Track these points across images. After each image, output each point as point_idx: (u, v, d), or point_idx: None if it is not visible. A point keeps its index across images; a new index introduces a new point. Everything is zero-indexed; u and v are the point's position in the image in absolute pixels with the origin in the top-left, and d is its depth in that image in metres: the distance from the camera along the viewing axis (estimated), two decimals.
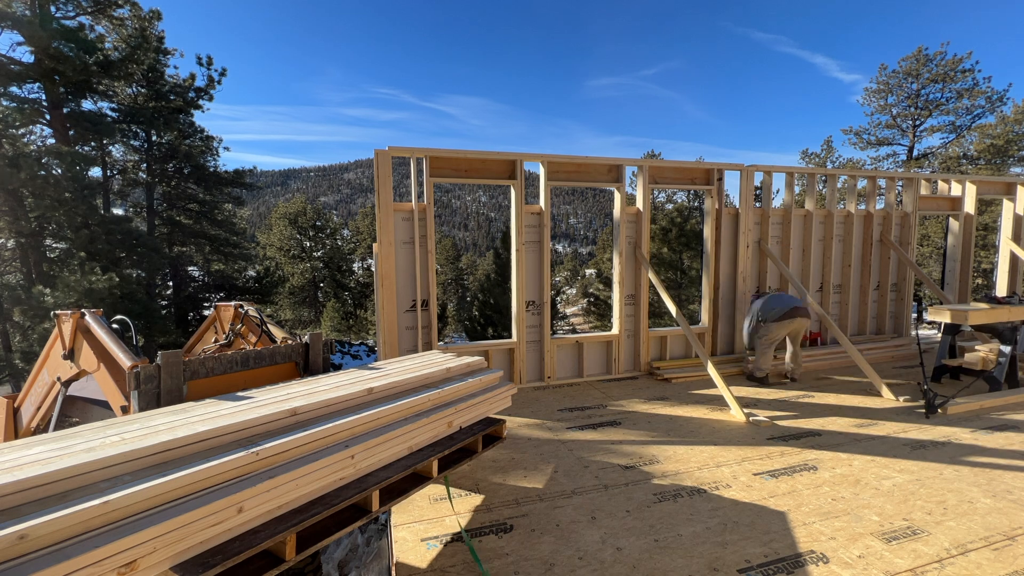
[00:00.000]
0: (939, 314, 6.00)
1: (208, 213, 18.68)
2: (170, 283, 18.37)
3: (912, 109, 26.97)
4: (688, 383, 6.46)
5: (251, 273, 21.68)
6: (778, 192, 29.80)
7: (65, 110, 13.52)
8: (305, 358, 3.37)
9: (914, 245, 8.55)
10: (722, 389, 5.45)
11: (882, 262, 8.45)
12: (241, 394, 2.53)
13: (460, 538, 2.97)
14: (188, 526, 1.64)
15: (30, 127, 13.57)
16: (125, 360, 2.73)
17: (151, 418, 2.16)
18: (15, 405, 4.21)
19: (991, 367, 5.97)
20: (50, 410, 3.78)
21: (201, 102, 17.37)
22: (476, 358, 3.55)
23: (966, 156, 24.41)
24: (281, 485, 1.95)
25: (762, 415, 5.11)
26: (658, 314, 18.23)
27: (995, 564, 2.68)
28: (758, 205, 7.72)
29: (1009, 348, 5.76)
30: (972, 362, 6.23)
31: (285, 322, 29.91)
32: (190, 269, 19.23)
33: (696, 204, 23.00)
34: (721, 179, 7.26)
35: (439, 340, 6.75)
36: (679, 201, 24.12)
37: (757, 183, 7.77)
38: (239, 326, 3.78)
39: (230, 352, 3.01)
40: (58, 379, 3.57)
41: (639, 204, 6.87)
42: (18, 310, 11.65)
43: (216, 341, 4.02)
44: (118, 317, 3.37)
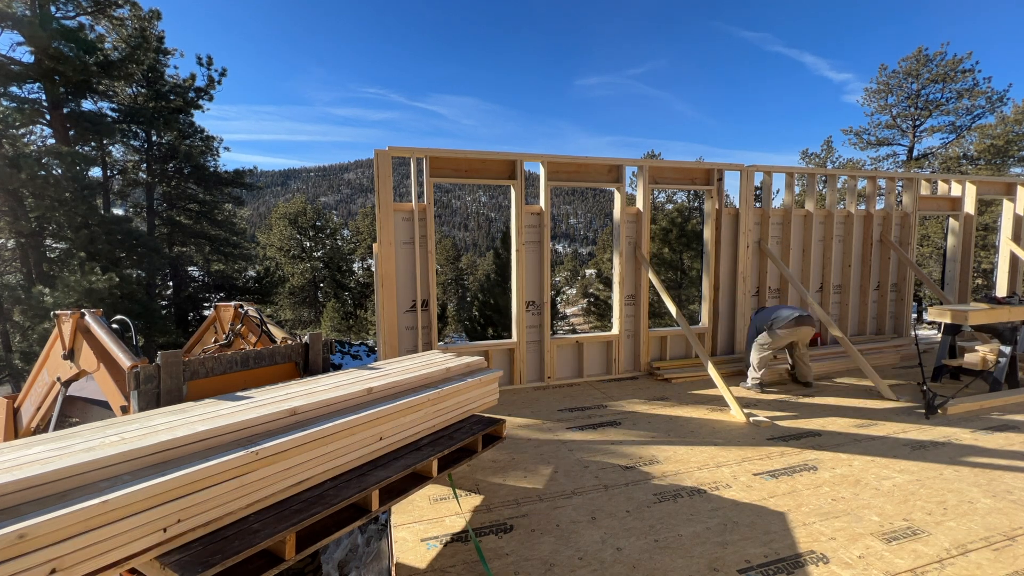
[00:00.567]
0: (939, 314, 6.00)
1: (208, 213, 18.68)
2: (170, 283, 18.37)
3: (912, 109, 26.97)
4: (688, 383, 6.46)
5: (251, 273, 21.68)
6: (778, 192, 29.85)
7: (65, 110, 13.52)
8: (305, 358, 3.36)
9: (914, 245, 8.55)
10: (722, 389, 5.45)
11: (882, 262, 8.45)
12: (240, 394, 2.53)
13: (460, 538, 2.97)
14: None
15: (30, 127, 13.57)
16: (125, 360, 2.73)
17: (150, 418, 2.15)
18: (15, 405, 4.21)
19: (991, 367, 5.97)
20: (50, 410, 3.78)
21: (201, 102, 17.38)
22: (476, 358, 3.55)
23: (966, 156, 24.41)
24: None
25: (762, 415, 5.11)
26: (658, 314, 18.23)
27: (995, 564, 2.68)
28: (758, 205, 7.72)
29: (1009, 348, 5.76)
30: (972, 362, 6.23)
31: (285, 322, 29.91)
32: (190, 269, 19.24)
33: (696, 204, 23.00)
34: (721, 179, 7.26)
35: (439, 340, 6.75)
36: (679, 201, 24.14)
37: (757, 183, 7.77)
38: (239, 326, 3.78)
39: (230, 352, 3.01)
40: (58, 379, 3.57)
41: (639, 204, 6.87)
42: (18, 310, 11.66)
43: (216, 341, 4.02)
44: (118, 317, 3.37)
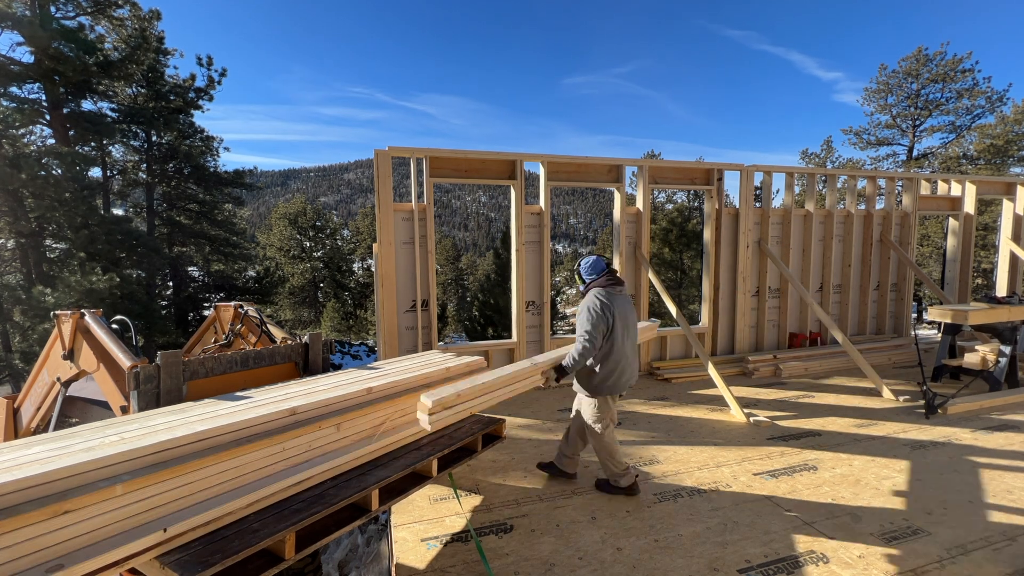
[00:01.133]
0: (939, 314, 6.00)
1: (208, 213, 18.67)
2: (170, 283, 18.36)
3: (912, 109, 26.95)
4: (688, 383, 6.45)
5: (251, 273, 21.68)
6: (778, 192, 29.84)
7: (65, 110, 13.52)
8: (305, 358, 3.36)
9: (914, 245, 8.55)
10: (722, 389, 5.44)
11: (882, 262, 8.45)
12: (240, 394, 2.53)
13: (460, 538, 2.97)
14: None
15: (30, 127, 13.56)
16: (125, 360, 2.73)
17: (150, 418, 2.16)
18: (15, 405, 4.21)
19: (991, 367, 5.97)
20: (50, 410, 3.78)
21: (201, 102, 17.38)
22: (476, 358, 3.55)
23: (966, 156, 24.40)
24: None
25: (762, 415, 5.11)
26: (658, 314, 18.20)
27: (995, 564, 2.68)
28: (758, 205, 7.72)
29: (1009, 348, 5.76)
30: (972, 362, 6.22)
31: (285, 322, 29.90)
32: (190, 269, 19.23)
33: (696, 204, 22.99)
34: (721, 179, 7.26)
35: (439, 340, 6.76)
36: (679, 201, 24.12)
37: (757, 183, 7.77)
38: (239, 326, 3.78)
39: (230, 352, 3.01)
40: (58, 379, 3.57)
41: (639, 204, 6.87)
42: (18, 310, 11.66)
43: (216, 341, 4.02)
44: (118, 317, 3.37)
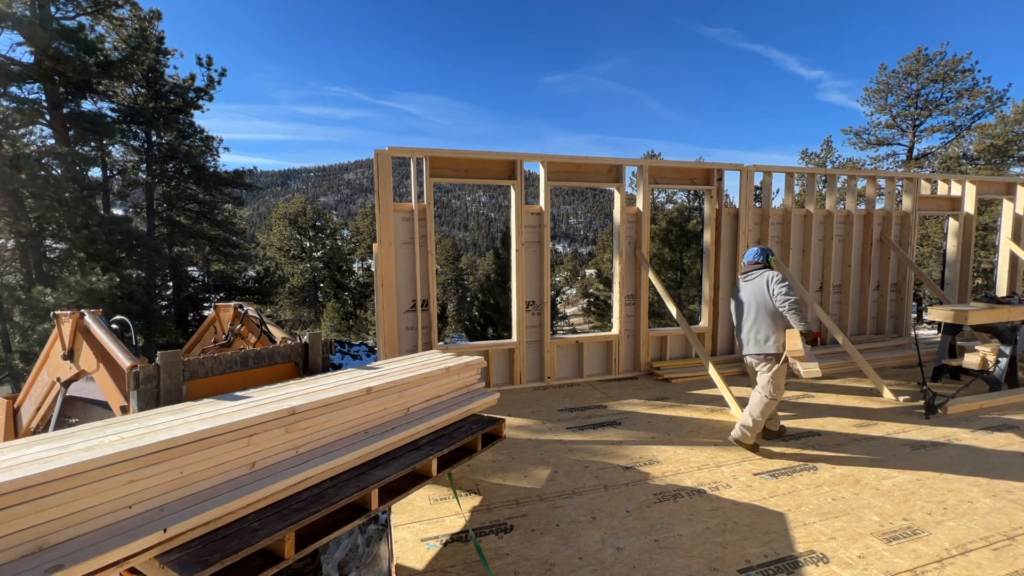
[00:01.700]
0: (939, 314, 6.00)
1: (208, 213, 18.68)
2: (170, 283, 18.37)
3: (912, 109, 26.97)
4: (688, 383, 6.45)
5: (251, 273, 21.69)
6: (778, 192, 29.84)
7: (65, 110, 13.52)
8: (304, 358, 3.36)
9: (914, 245, 8.55)
10: (722, 389, 5.44)
11: (882, 262, 8.45)
12: (239, 394, 2.53)
13: (460, 538, 2.97)
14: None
15: (30, 127, 13.57)
16: (124, 360, 2.73)
17: (150, 418, 2.15)
18: (15, 406, 4.21)
19: (991, 367, 5.96)
20: (50, 410, 3.78)
21: (201, 102, 17.38)
22: (476, 357, 3.55)
23: (966, 156, 24.40)
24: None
25: None
26: (658, 314, 18.22)
27: (995, 564, 2.68)
28: (758, 205, 7.72)
29: (1009, 348, 5.76)
30: (972, 362, 6.22)
31: (285, 322, 29.91)
32: (190, 269, 19.24)
33: (696, 204, 23.00)
34: (721, 179, 7.26)
35: (439, 340, 6.77)
36: (679, 201, 24.13)
37: (757, 183, 7.78)
38: (239, 326, 3.78)
39: (229, 352, 3.01)
40: (58, 379, 3.57)
41: (639, 204, 6.87)
42: (18, 310, 11.66)
43: (216, 341, 4.02)
44: (118, 317, 3.37)
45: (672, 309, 6.45)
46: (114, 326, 3.20)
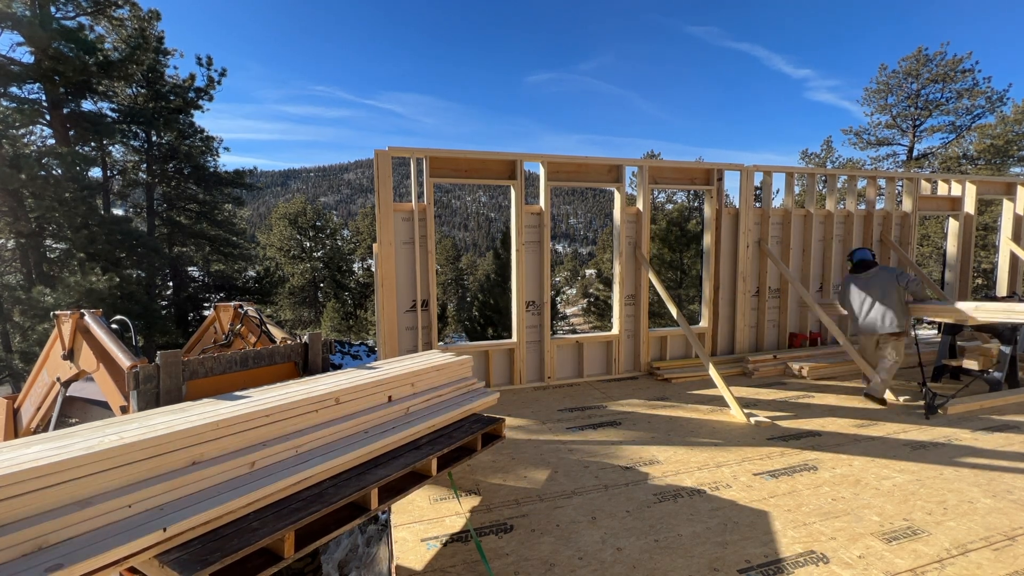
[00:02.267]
0: (939, 314, 5.99)
1: (208, 213, 18.69)
2: (170, 283, 18.37)
3: (912, 109, 26.98)
4: (688, 383, 6.45)
5: (251, 273, 21.71)
6: (778, 192, 29.84)
7: (65, 110, 13.53)
8: (304, 358, 3.36)
9: (914, 245, 8.54)
10: (722, 389, 5.44)
11: (882, 262, 8.44)
12: (239, 393, 2.53)
13: (460, 538, 2.97)
14: None
15: (30, 127, 13.58)
16: (124, 360, 2.73)
17: (149, 417, 2.15)
18: (15, 406, 4.21)
19: (991, 367, 5.96)
20: (50, 410, 3.78)
21: (201, 102, 17.39)
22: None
23: (966, 156, 24.41)
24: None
25: (762, 415, 5.11)
26: (658, 314, 18.22)
27: (995, 564, 2.68)
28: (758, 205, 7.72)
29: (1009, 348, 5.76)
30: (972, 362, 6.22)
31: (285, 322, 29.92)
32: (190, 269, 19.25)
33: (696, 204, 23.00)
34: (721, 179, 7.26)
35: (439, 340, 6.78)
36: (679, 201, 24.13)
37: (757, 183, 7.77)
38: (238, 326, 3.78)
39: (229, 352, 3.01)
40: (58, 379, 3.57)
41: (639, 204, 6.87)
42: (18, 310, 11.66)
43: (215, 341, 4.02)
44: (117, 317, 3.37)
45: (672, 309, 6.45)
46: (114, 326, 3.20)
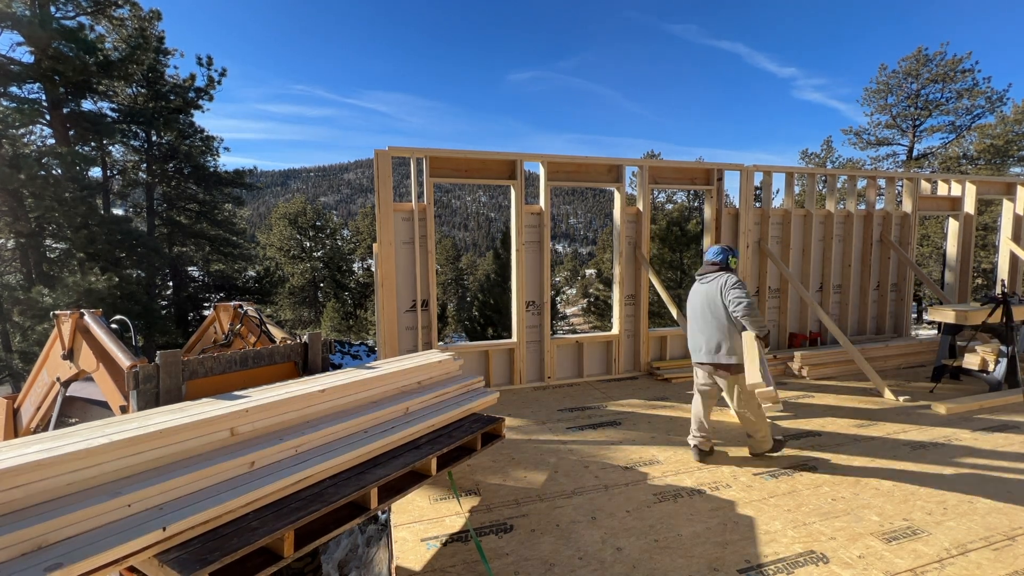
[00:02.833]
0: (939, 314, 5.99)
1: (208, 213, 18.68)
2: (170, 283, 18.37)
3: (912, 109, 26.97)
4: (688, 383, 6.43)
5: (251, 273, 21.70)
6: (778, 192, 29.84)
7: (65, 110, 13.52)
8: (304, 358, 3.36)
9: (914, 245, 8.54)
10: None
11: (882, 262, 8.44)
12: (238, 393, 2.53)
13: (460, 538, 2.96)
14: None
15: (30, 127, 13.57)
16: (124, 360, 2.73)
17: (148, 417, 2.15)
18: (15, 406, 4.21)
19: (991, 367, 5.96)
20: (50, 410, 3.78)
21: (201, 102, 17.38)
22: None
23: (966, 156, 24.40)
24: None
25: None
26: (658, 314, 18.20)
27: (995, 564, 2.67)
28: (758, 205, 7.72)
29: (1009, 348, 5.76)
30: (972, 362, 6.22)
31: (285, 322, 29.91)
32: (190, 269, 19.24)
33: (696, 204, 23.00)
34: (721, 179, 7.26)
35: (439, 340, 6.78)
36: (679, 201, 24.13)
37: (757, 183, 7.77)
38: (238, 326, 3.78)
39: (229, 352, 3.01)
40: (57, 379, 3.57)
41: (639, 204, 6.87)
42: (18, 310, 11.66)
43: (215, 341, 4.02)
44: (117, 317, 3.37)
45: (672, 309, 6.45)
46: (114, 326, 3.20)
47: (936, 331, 10.05)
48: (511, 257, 6.36)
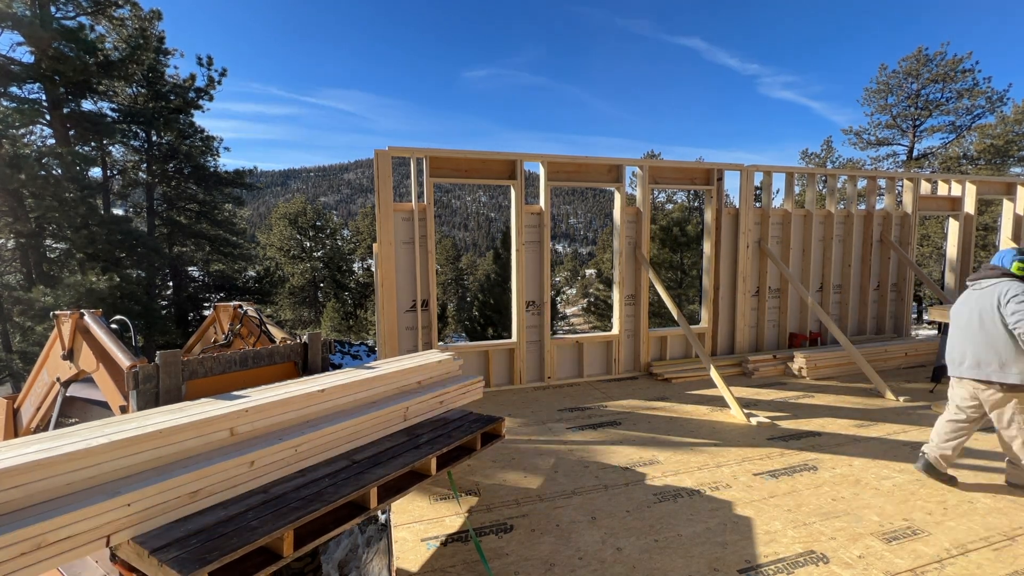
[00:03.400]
0: (939, 314, 5.99)
1: (208, 213, 18.69)
2: (170, 283, 18.38)
3: (912, 109, 26.97)
4: (688, 383, 6.45)
5: (251, 273, 21.72)
6: (778, 192, 29.86)
7: (65, 110, 13.53)
8: (304, 358, 3.36)
9: (914, 245, 8.54)
10: (722, 389, 5.44)
11: (882, 262, 8.44)
12: (237, 393, 2.52)
13: (460, 538, 2.96)
14: None
15: (30, 127, 13.58)
16: (124, 360, 2.73)
17: (147, 417, 2.15)
18: (15, 406, 4.21)
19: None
20: (50, 410, 3.78)
21: (201, 102, 17.38)
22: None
23: (966, 156, 24.40)
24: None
25: (762, 415, 5.11)
26: (658, 314, 18.20)
27: (995, 564, 2.67)
28: (758, 205, 7.72)
29: None
30: None
31: (285, 322, 29.93)
32: (190, 269, 19.25)
33: (696, 204, 23.00)
34: (721, 179, 7.26)
35: (439, 340, 6.77)
36: (679, 201, 24.13)
37: (757, 183, 7.77)
38: (238, 326, 3.78)
39: (229, 352, 3.01)
40: (57, 379, 3.56)
41: (639, 204, 6.87)
42: (18, 310, 11.66)
43: (215, 341, 4.02)
44: (117, 317, 3.37)
45: (672, 309, 6.45)
46: (114, 326, 3.19)
47: (936, 331, 10.05)
48: (511, 257, 6.36)
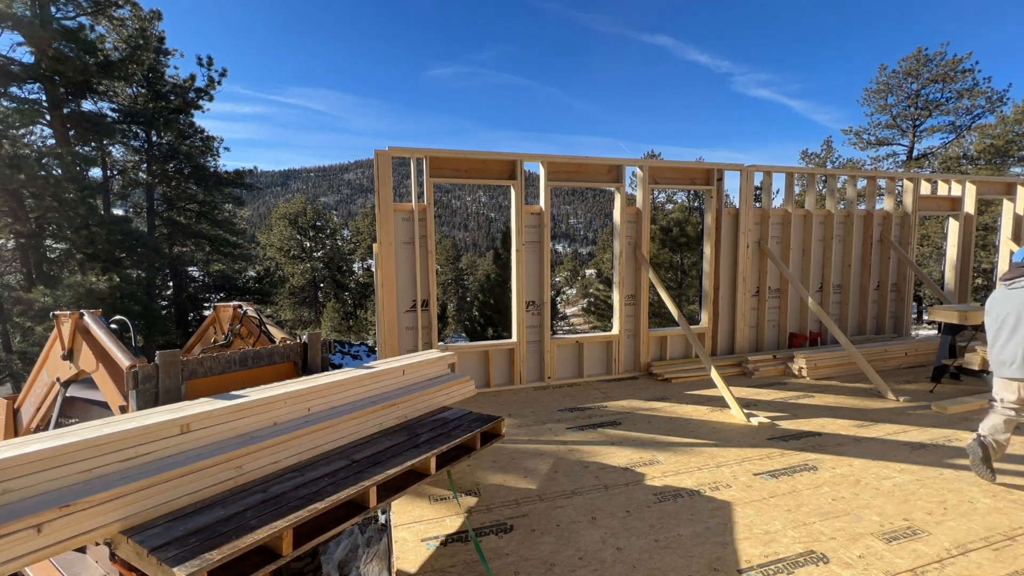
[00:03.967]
0: (940, 314, 5.99)
1: (208, 213, 18.70)
2: (170, 283, 18.38)
3: (912, 109, 26.97)
4: (688, 383, 6.45)
5: (251, 273, 21.73)
6: (778, 192, 29.86)
7: (65, 110, 13.53)
8: (304, 358, 3.36)
9: (914, 245, 8.54)
10: (722, 389, 5.44)
11: (882, 262, 8.44)
12: (236, 393, 2.53)
13: (460, 538, 2.96)
14: None
15: (30, 127, 13.58)
16: (123, 360, 2.73)
17: (147, 417, 2.15)
18: (15, 406, 4.21)
19: (991, 367, 5.95)
20: (50, 410, 3.78)
21: (201, 102, 17.39)
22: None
23: (966, 156, 24.40)
24: None
25: (762, 415, 5.11)
26: (658, 314, 18.19)
27: (995, 564, 2.67)
28: (758, 205, 7.72)
29: None
30: (972, 362, 6.22)
31: (285, 322, 29.93)
32: (190, 269, 19.26)
33: (696, 204, 23.00)
34: (721, 179, 7.26)
35: (439, 340, 6.77)
36: (679, 201, 24.13)
37: (757, 183, 7.77)
38: (238, 326, 3.78)
39: (229, 352, 3.01)
40: (57, 379, 3.57)
41: (639, 204, 6.87)
42: (18, 310, 11.66)
43: (215, 341, 4.02)
44: (117, 317, 3.37)
45: (672, 309, 6.45)
46: (113, 326, 3.20)
47: (936, 331, 10.05)
48: (511, 257, 6.36)
